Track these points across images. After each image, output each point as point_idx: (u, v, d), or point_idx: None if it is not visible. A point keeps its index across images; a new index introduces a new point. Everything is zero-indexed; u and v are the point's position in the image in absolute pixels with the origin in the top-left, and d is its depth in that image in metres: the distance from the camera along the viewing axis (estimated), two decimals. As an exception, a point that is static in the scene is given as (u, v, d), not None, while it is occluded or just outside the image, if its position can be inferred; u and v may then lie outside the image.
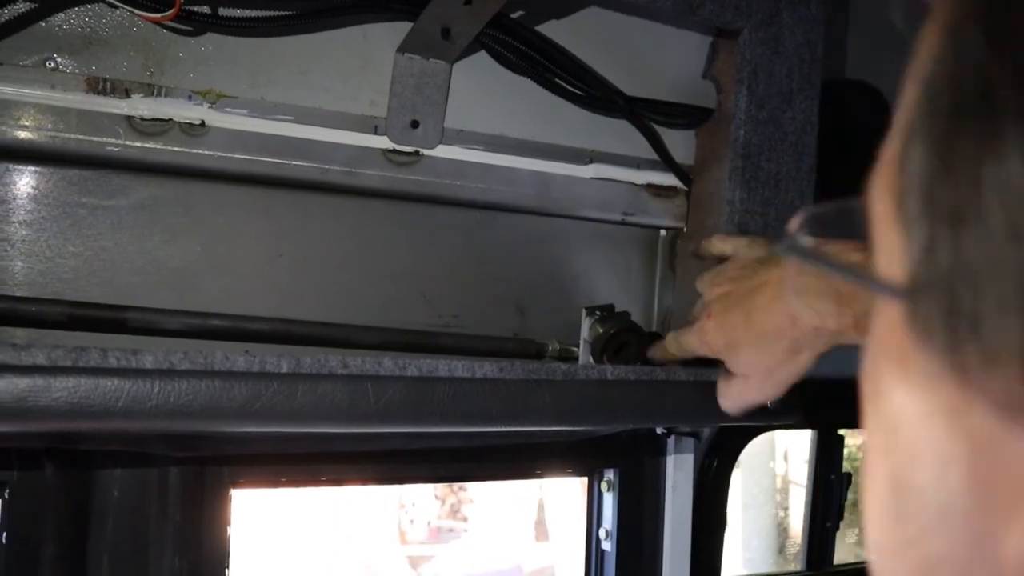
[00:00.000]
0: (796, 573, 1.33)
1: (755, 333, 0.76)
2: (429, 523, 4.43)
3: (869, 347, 0.28)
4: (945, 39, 0.23)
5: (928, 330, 0.23)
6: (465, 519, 4.49)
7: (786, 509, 3.06)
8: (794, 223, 0.29)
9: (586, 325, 0.99)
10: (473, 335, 0.97)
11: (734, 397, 0.82)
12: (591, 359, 0.97)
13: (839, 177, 1.10)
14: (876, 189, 0.27)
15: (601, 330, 0.96)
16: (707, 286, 0.83)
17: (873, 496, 0.28)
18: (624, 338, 0.97)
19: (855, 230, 0.28)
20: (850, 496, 1.35)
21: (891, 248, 0.25)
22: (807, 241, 0.29)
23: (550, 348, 0.98)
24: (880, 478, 0.27)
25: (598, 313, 0.99)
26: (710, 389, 0.83)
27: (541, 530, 4.31)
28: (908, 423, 0.25)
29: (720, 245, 0.87)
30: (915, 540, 0.26)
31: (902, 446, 0.26)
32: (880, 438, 0.27)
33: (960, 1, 0.23)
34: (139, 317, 0.81)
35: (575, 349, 0.99)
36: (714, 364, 0.85)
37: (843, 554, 1.40)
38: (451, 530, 4.48)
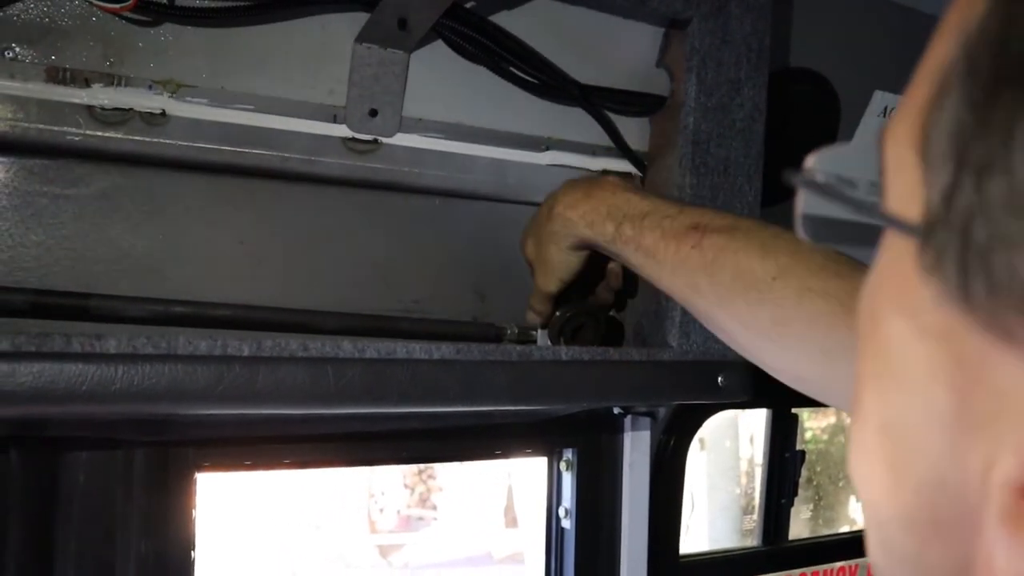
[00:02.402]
0: (752, 548, 1.37)
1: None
2: (399, 512, 4.45)
3: (869, 282, 0.31)
4: (993, 3, 0.25)
5: (938, 262, 0.25)
6: (435, 507, 4.52)
7: (752, 489, 3.12)
8: (811, 159, 0.32)
9: (544, 308, 1.01)
10: (433, 319, 0.99)
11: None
12: (549, 342, 0.99)
13: (786, 164, 1.13)
14: (895, 135, 0.29)
15: (558, 313, 0.99)
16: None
17: (864, 421, 0.30)
18: (581, 321, 0.99)
19: (867, 170, 0.30)
20: (804, 473, 1.39)
21: (905, 188, 0.28)
22: (821, 177, 0.31)
23: (509, 332, 1.00)
24: (870, 403, 0.30)
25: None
26: (663, 369, 0.85)
27: (510, 517, 4.35)
28: (901, 345, 0.28)
29: None
30: (902, 461, 0.28)
31: (894, 366, 0.28)
32: (871, 363, 0.30)
33: None
34: (102, 305, 0.82)
35: (534, 333, 1.01)
36: (667, 345, 0.88)
37: (798, 529, 1.44)
38: (421, 518, 4.50)
